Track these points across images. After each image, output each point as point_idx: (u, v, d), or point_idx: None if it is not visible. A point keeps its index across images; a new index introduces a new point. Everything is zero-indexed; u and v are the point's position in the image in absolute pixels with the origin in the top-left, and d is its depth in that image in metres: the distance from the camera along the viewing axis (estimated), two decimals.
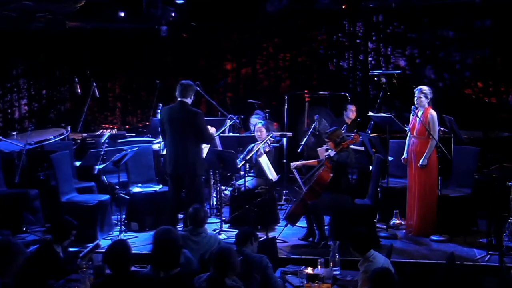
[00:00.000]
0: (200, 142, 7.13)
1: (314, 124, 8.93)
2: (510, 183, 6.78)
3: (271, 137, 8.19)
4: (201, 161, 7.22)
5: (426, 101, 7.37)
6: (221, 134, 8.56)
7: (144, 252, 6.69)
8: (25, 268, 4.78)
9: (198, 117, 7.03)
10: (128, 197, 7.95)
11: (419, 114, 7.36)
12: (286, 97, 10.23)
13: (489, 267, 6.36)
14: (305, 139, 8.78)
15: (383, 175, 7.75)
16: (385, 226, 7.64)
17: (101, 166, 7.77)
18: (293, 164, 7.56)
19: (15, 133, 9.46)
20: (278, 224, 7.91)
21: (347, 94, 10.28)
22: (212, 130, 7.35)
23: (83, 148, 9.18)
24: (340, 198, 7.10)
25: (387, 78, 9.05)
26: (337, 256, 5.41)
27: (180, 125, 7.01)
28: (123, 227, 7.71)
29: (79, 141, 9.50)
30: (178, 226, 7.29)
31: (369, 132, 8.69)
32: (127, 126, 11.83)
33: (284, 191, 9.17)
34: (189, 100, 7.06)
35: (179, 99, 7.06)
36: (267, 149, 8.17)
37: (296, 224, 7.45)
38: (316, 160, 7.69)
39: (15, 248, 4.26)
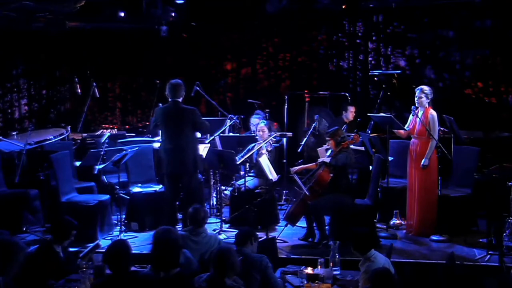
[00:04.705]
0: (196, 138, 7.32)
1: (314, 124, 8.93)
2: (510, 183, 6.78)
3: (273, 137, 8.22)
4: (200, 158, 7.40)
5: (427, 101, 7.37)
6: (221, 134, 8.57)
7: (144, 252, 6.69)
8: (25, 268, 4.79)
9: (194, 113, 7.20)
10: (128, 197, 7.96)
11: (419, 114, 7.36)
12: (286, 97, 10.22)
13: (489, 267, 6.36)
14: (305, 139, 8.77)
15: (383, 175, 7.75)
16: (385, 226, 7.64)
17: (101, 166, 7.77)
18: (293, 169, 7.53)
19: (15, 133, 9.46)
20: (278, 224, 7.91)
21: (347, 94, 10.26)
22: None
23: (83, 148, 9.17)
24: (340, 198, 7.10)
25: (386, 79, 9.05)
26: (337, 256, 5.41)
27: (177, 124, 7.14)
28: (123, 227, 7.71)
29: (79, 141, 9.50)
30: (178, 226, 7.30)
31: (369, 132, 8.69)
32: (127, 126, 11.81)
33: (284, 191, 9.17)
34: (181, 99, 7.20)
35: (170, 99, 7.21)
36: (269, 148, 8.20)
37: (296, 224, 7.45)
38: (315, 163, 7.65)
39: (14, 246, 4.26)
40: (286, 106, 10.15)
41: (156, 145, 8.74)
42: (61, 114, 12.05)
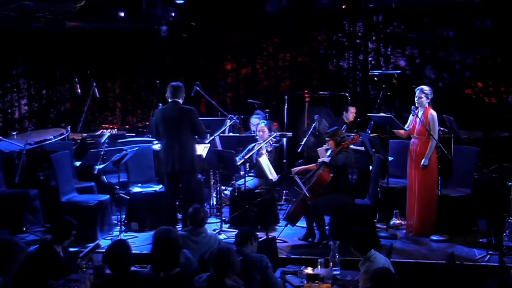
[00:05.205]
0: (194, 138, 7.32)
1: (314, 124, 8.92)
2: (510, 183, 6.78)
3: (273, 137, 8.22)
4: (197, 157, 7.43)
5: (427, 101, 7.37)
6: (221, 134, 8.57)
7: (144, 252, 6.69)
8: (25, 268, 4.79)
9: (192, 113, 7.24)
10: (128, 197, 7.95)
11: (419, 114, 7.36)
12: (286, 97, 10.23)
13: (489, 267, 6.36)
14: (305, 139, 8.77)
15: (383, 175, 7.74)
16: (385, 226, 7.64)
17: (101, 166, 7.78)
18: (294, 170, 7.53)
19: (15, 133, 9.47)
20: (278, 224, 7.91)
21: (347, 94, 10.27)
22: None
23: (83, 148, 9.18)
24: (340, 198, 7.10)
25: (386, 79, 9.06)
26: (337, 256, 5.40)
27: (176, 123, 7.18)
28: (123, 227, 7.71)
29: (79, 141, 9.50)
30: (178, 226, 7.30)
31: (369, 132, 8.69)
32: (127, 126, 11.82)
33: (284, 191, 9.17)
34: (181, 100, 7.26)
35: (170, 99, 7.27)
36: (269, 149, 8.21)
37: (296, 224, 7.45)
38: (315, 164, 7.65)
39: (14, 246, 4.27)
40: (286, 106, 10.15)
41: (156, 146, 8.75)
42: (61, 114, 12.06)
